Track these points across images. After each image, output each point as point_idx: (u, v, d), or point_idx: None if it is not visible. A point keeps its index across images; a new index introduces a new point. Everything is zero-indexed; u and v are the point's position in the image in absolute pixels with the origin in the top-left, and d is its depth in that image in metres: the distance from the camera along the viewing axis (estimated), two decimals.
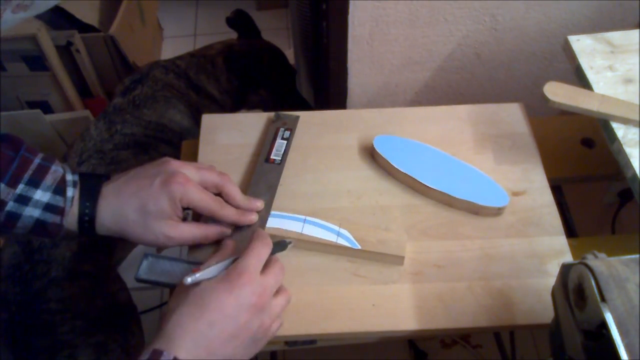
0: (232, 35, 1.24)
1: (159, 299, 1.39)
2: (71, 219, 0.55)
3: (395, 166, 0.69)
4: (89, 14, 1.44)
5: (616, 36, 0.71)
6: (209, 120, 0.77)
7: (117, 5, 1.49)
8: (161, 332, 0.47)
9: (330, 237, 0.63)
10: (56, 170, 0.55)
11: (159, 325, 0.48)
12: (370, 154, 0.73)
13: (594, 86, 0.67)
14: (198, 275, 0.49)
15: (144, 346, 0.46)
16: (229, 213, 0.60)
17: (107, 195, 0.56)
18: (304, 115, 0.78)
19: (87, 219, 0.55)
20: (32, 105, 1.40)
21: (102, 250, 0.89)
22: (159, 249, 0.64)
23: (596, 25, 0.95)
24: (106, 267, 0.89)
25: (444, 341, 1.29)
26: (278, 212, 0.65)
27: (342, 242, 0.63)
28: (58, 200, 0.54)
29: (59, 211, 0.54)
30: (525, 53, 1.00)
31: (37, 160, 0.54)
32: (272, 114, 0.75)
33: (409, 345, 1.29)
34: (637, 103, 0.64)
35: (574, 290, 0.42)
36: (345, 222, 0.64)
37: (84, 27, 1.41)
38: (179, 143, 0.81)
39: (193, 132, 1.06)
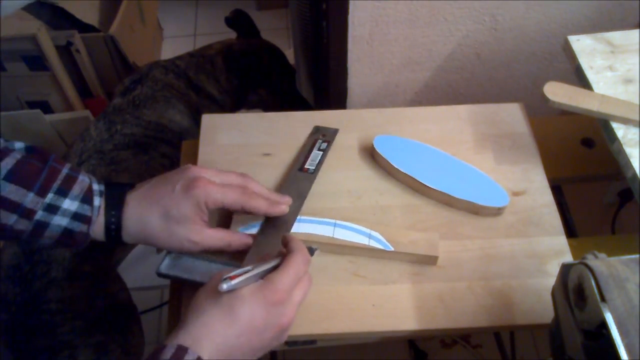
0: (232, 35, 1.24)
1: (159, 299, 1.39)
2: (98, 228, 0.56)
3: (395, 166, 0.69)
4: (89, 14, 1.44)
5: (616, 36, 0.71)
6: (209, 120, 0.77)
7: (117, 5, 1.49)
8: (186, 328, 0.46)
9: (362, 240, 0.63)
10: (83, 180, 0.56)
11: (184, 316, 0.48)
12: (370, 154, 0.73)
13: (594, 86, 0.67)
14: (234, 283, 0.48)
15: (143, 346, 0.46)
16: (259, 203, 0.59)
17: (132, 203, 0.57)
18: (304, 115, 0.78)
19: (114, 227, 0.56)
20: (32, 105, 1.40)
21: (102, 250, 0.89)
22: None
23: (596, 25, 0.95)
24: (106, 267, 0.89)
25: (444, 341, 1.29)
26: (307, 217, 0.65)
27: (374, 244, 0.63)
28: (86, 210, 0.55)
29: (86, 220, 0.55)
30: (525, 53, 1.00)
31: (65, 170, 0.55)
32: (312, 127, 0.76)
33: (409, 345, 1.29)
34: (637, 103, 0.64)
35: (574, 290, 0.42)
36: (375, 225, 0.64)
37: (84, 27, 1.41)
38: (179, 143, 0.81)
39: (193, 132, 1.06)
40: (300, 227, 0.64)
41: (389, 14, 0.89)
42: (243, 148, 0.74)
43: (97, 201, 0.56)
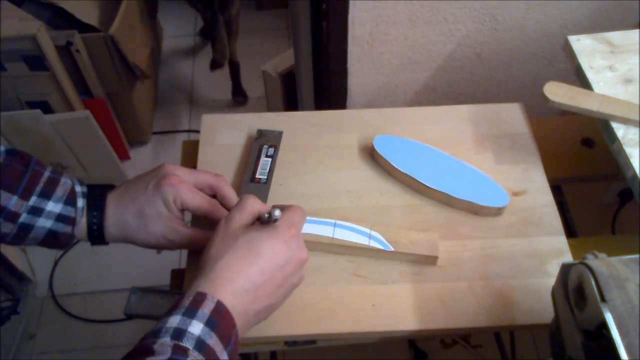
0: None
1: None
2: (81, 229, 0.57)
3: (395, 166, 0.69)
4: (89, 14, 1.44)
5: (616, 36, 0.71)
6: (209, 120, 0.77)
7: (117, 5, 1.48)
8: (205, 274, 0.46)
9: (362, 240, 0.63)
10: (65, 182, 0.56)
11: (200, 269, 0.48)
12: (370, 154, 0.73)
13: (594, 86, 0.67)
14: (277, 212, 0.51)
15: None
16: (223, 215, 0.59)
17: (111, 203, 0.57)
18: (304, 116, 0.78)
19: (96, 228, 0.57)
20: (32, 105, 1.40)
21: None
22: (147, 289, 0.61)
23: (596, 25, 0.95)
24: None
25: (444, 341, 1.29)
26: (307, 217, 0.65)
27: (374, 244, 0.63)
28: (69, 211, 0.56)
29: (70, 221, 0.56)
30: (525, 53, 1.00)
31: (47, 173, 0.56)
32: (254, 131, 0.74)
33: (409, 345, 1.29)
34: (637, 103, 0.64)
35: (574, 290, 0.42)
36: (375, 225, 0.64)
37: (84, 27, 1.41)
38: None
39: None
40: None
41: (389, 14, 0.89)
42: (243, 148, 0.74)
43: (81, 202, 0.56)
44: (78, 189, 0.57)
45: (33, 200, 0.54)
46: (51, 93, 1.40)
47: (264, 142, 0.72)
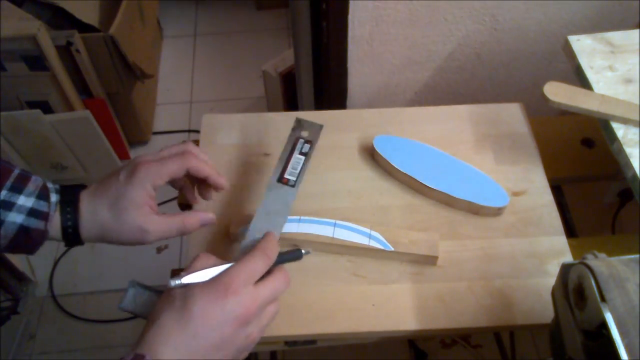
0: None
1: None
2: (55, 228, 0.55)
3: (395, 166, 0.69)
4: (89, 14, 1.43)
5: (616, 36, 0.71)
6: (209, 120, 0.77)
7: (117, 5, 1.48)
8: (144, 336, 0.45)
9: (362, 240, 0.63)
10: (36, 179, 0.55)
11: (143, 329, 0.46)
12: (370, 154, 0.73)
13: (594, 86, 0.67)
14: (184, 279, 0.47)
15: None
16: (201, 163, 0.57)
17: (85, 200, 0.56)
18: (304, 116, 0.78)
19: (70, 225, 0.55)
20: (32, 105, 1.40)
21: None
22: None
23: (596, 25, 0.95)
24: None
25: (444, 341, 1.29)
26: (307, 217, 0.65)
27: (374, 244, 0.63)
28: (42, 205, 0.54)
29: (43, 216, 0.54)
30: (525, 53, 1.00)
31: (16, 170, 0.54)
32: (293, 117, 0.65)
33: (409, 345, 1.28)
34: (637, 103, 0.64)
35: (574, 290, 0.42)
36: (376, 225, 0.64)
37: (84, 27, 1.40)
38: None
39: None
40: (301, 227, 0.64)
41: (389, 14, 0.89)
42: (243, 148, 0.74)
43: (54, 197, 0.55)
44: (50, 185, 0.56)
45: (3, 194, 0.52)
46: (51, 93, 1.40)
47: (300, 134, 0.62)
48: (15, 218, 0.53)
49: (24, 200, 0.53)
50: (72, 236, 0.56)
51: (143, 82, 1.64)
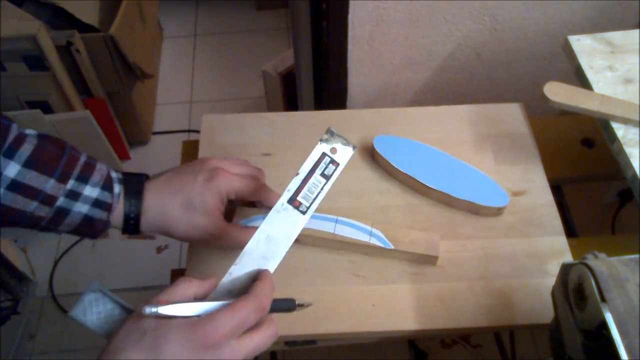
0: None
1: None
2: (117, 217, 0.56)
3: (395, 166, 0.69)
4: (89, 14, 1.43)
5: (616, 36, 0.71)
6: (209, 120, 0.77)
7: (117, 5, 1.48)
8: None
9: (363, 238, 0.63)
10: (101, 167, 0.55)
11: (100, 356, 0.41)
12: (370, 154, 0.73)
13: (594, 86, 0.67)
14: (161, 309, 0.40)
15: None
16: (272, 195, 0.58)
17: (152, 192, 0.56)
18: (304, 115, 0.78)
19: (133, 216, 0.56)
20: (32, 105, 1.40)
21: None
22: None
23: (596, 25, 0.95)
24: None
25: (444, 341, 1.29)
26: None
27: (374, 242, 0.63)
28: (106, 197, 0.54)
29: (107, 207, 0.54)
30: (525, 53, 1.00)
31: (83, 158, 0.54)
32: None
33: (409, 345, 1.28)
34: (637, 103, 0.64)
35: (574, 290, 0.42)
36: (377, 222, 0.64)
37: (84, 27, 1.40)
38: None
39: None
40: None
41: (389, 14, 0.89)
42: (243, 148, 0.74)
43: (117, 188, 0.55)
44: (114, 175, 0.56)
45: (71, 184, 0.52)
46: (51, 93, 1.40)
47: (329, 150, 0.53)
48: (81, 208, 0.53)
49: (90, 191, 0.53)
50: (132, 226, 0.56)
51: (143, 82, 1.64)
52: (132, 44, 1.52)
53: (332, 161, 0.52)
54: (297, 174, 0.50)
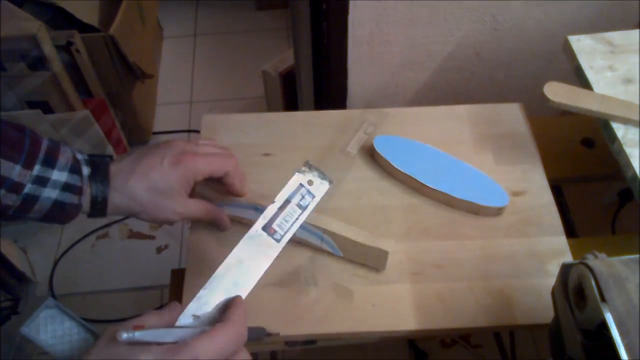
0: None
1: (159, 299, 1.39)
2: (84, 201, 0.54)
3: (395, 166, 0.69)
4: (89, 14, 1.43)
5: (616, 36, 0.71)
6: (209, 120, 0.77)
7: (117, 5, 1.48)
8: None
9: (315, 241, 0.63)
10: (65, 150, 0.53)
11: None
12: (370, 154, 0.73)
13: (594, 86, 0.67)
14: (137, 334, 0.38)
15: None
16: (237, 179, 0.60)
17: (118, 175, 0.55)
18: (304, 115, 0.78)
19: (100, 200, 0.54)
20: (32, 105, 1.40)
21: None
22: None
23: (596, 25, 0.95)
24: None
25: (444, 341, 1.29)
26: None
27: (326, 247, 0.63)
28: (75, 179, 0.52)
29: (77, 190, 0.52)
30: (525, 53, 1.00)
31: (45, 141, 0.52)
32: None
33: (409, 345, 1.28)
34: (637, 103, 0.64)
35: (574, 290, 0.42)
36: (328, 231, 0.62)
37: (84, 27, 1.40)
38: None
39: None
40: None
41: (389, 14, 0.89)
42: (243, 148, 0.74)
43: (86, 170, 0.53)
44: (80, 156, 0.54)
45: (37, 169, 0.50)
46: (51, 93, 1.40)
47: (307, 182, 0.54)
48: (50, 194, 0.51)
49: (58, 175, 0.51)
50: (98, 210, 0.55)
51: (143, 82, 1.64)
52: (132, 44, 1.52)
53: (309, 192, 0.53)
54: (274, 201, 0.51)
